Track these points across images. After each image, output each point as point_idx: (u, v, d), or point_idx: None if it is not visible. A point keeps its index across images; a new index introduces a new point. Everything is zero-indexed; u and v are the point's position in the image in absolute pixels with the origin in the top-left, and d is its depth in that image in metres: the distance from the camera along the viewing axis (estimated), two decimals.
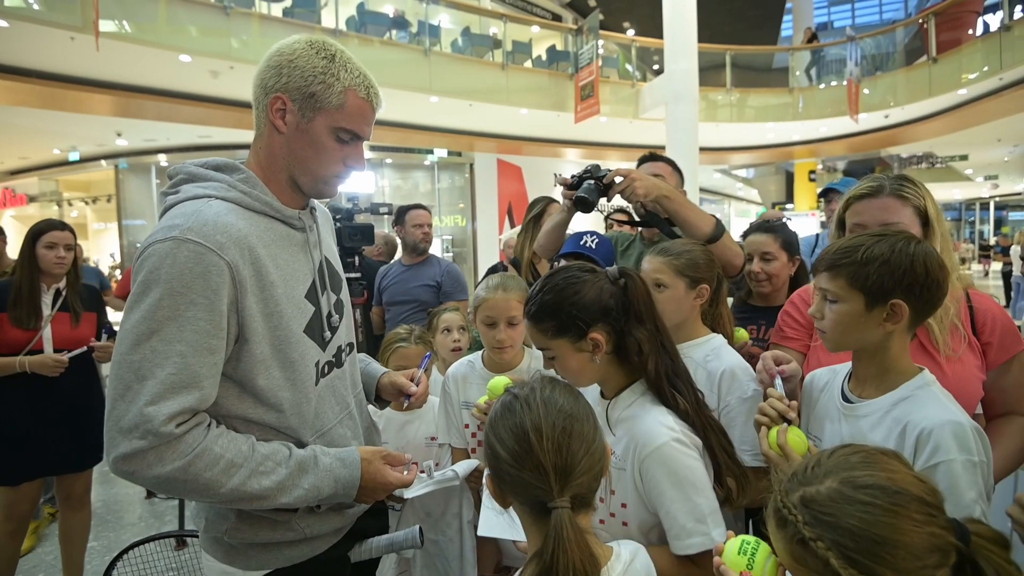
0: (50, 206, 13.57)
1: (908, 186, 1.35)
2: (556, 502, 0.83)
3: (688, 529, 1.05)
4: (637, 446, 1.11)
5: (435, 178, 12.84)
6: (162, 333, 0.93)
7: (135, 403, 0.91)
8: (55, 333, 2.54)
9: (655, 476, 1.08)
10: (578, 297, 1.14)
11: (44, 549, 3.20)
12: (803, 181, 15.37)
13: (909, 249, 1.06)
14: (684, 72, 8.97)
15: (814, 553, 0.69)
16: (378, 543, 1.25)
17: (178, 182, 1.10)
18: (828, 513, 0.70)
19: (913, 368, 1.12)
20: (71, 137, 10.23)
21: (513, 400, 0.92)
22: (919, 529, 0.68)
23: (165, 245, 0.96)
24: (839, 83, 11.98)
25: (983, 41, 9.86)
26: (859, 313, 1.08)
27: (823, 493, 0.71)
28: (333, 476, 1.08)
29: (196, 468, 0.95)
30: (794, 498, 0.73)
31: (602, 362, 1.16)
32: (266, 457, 1.02)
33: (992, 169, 17.81)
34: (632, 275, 1.18)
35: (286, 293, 1.07)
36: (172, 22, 7.12)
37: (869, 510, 0.68)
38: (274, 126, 1.08)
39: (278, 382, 1.06)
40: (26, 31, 6.10)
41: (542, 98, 10.37)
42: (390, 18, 9.55)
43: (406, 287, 3.27)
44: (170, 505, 3.63)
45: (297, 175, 1.12)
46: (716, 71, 11.89)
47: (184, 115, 8.67)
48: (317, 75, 1.06)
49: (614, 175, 1.66)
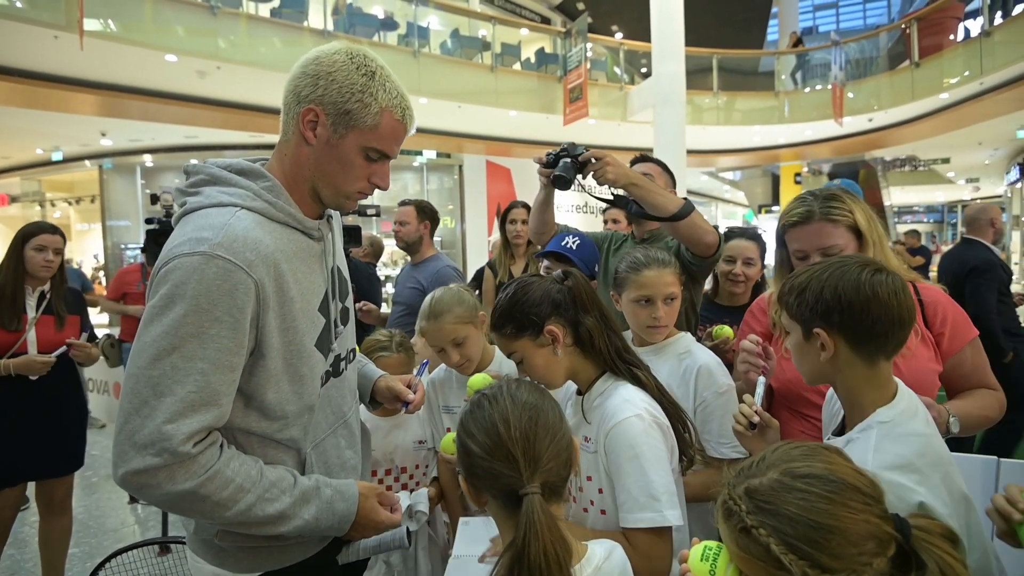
0: (33, 206, 13.39)
1: (835, 206, 1.36)
2: (527, 488, 0.87)
3: (640, 503, 1.09)
4: (603, 421, 1.17)
5: (424, 180, 12.82)
6: (184, 349, 0.92)
7: (152, 419, 0.90)
8: (39, 336, 2.51)
9: (614, 450, 1.14)
10: (528, 296, 1.23)
11: (24, 555, 3.15)
12: (789, 183, 15.51)
13: (824, 275, 1.03)
14: (671, 75, 9.04)
15: (756, 540, 0.73)
16: (366, 544, 1.25)
17: (199, 183, 1.08)
18: (769, 501, 0.74)
19: (873, 407, 1.02)
20: (55, 137, 10.09)
21: (481, 399, 0.97)
22: (855, 516, 0.71)
23: (193, 259, 0.94)
24: (824, 87, 12.12)
25: (964, 46, 10.02)
26: (800, 343, 1.07)
27: (765, 484, 0.75)
28: (332, 509, 1.09)
29: (207, 490, 0.95)
30: (739, 490, 0.77)
31: (566, 355, 1.23)
32: (273, 484, 1.02)
33: (973, 172, 18.08)
34: (575, 274, 1.28)
35: (303, 308, 1.07)
36: (158, 21, 7.05)
37: (807, 497, 0.72)
38: (303, 136, 1.06)
39: (286, 396, 1.06)
40: (9, 29, 6.01)
41: (531, 100, 10.40)
42: (379, 19, 9.53)
43: (402, 287, 3.17)
44: (153, 511, 3.59)
45: (320, 187, 1.10)
46: (703, 74, 11.99)
47: (170, 115, 8.59)
48: (355, 93, 1.03)
49: (589, 155, 1.70)
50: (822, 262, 1.10)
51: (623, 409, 1.16)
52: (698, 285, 1.90)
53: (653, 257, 1.55)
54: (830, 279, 1.02)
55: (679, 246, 1.83)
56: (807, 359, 1.08)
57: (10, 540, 3.29)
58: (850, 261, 1.05)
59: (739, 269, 2.33)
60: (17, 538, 3.33)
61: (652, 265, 1.53)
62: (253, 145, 10.44)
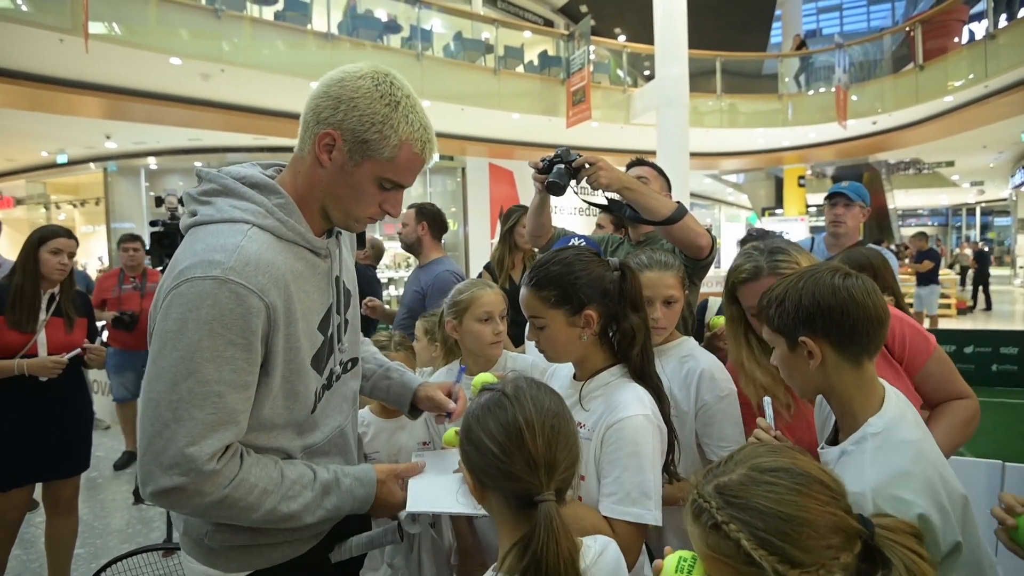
0: (37, 209, 13.45)
1: (782, 260, 1.38)
2: (544, 495, 0.87)
3: (632, 497, 1.10)
4: (608, 413, 1.16)
5: (427, 182, 12.84)
6: (200, 374, 0.94)
7: (174, 442, 0.93)
8: (49, 338, 2.53)
9: (616, 442, 1.13)
10: (584, 273, 1.21)
11: (29, 555, 3.16)
12: (792, 186, 15.51)
13: (799, 284, 1.04)
14: (675, 78, 9.03)
15: (727, 536, 0.72)
16: (358, 541, 1.25)
17: (211, 192, 1.07)
18: (738, 496, 0.74)
19: (866, 415, 1.04)
20: (59, 139, 10.14)
21: (502, 398, 0.94)
22: (822, 508, 0.73)
23: (206, 284, 0.94)
24: (827, 90, 12.10)
25: (969, 49, 10.00)
26: (787, 356, 1.08)
27: (734, 479, 0.76)
28: (352, 496, 1.13)
29: (233, 498, 0.98)
30: (708, 488, 0.77)
31: (587, 341, 1.23)
32: (294, 482, 1.06)
33: (978, 175, 18.04)
34: (630, 267, 1.27)
35: (305, 328, 1.08)
36: (162, 24, 7.08)
37: (775, 490, 0.73)
38: (318, 159, 1.05)
39: (279, 411, 1.08)
40: (14, 32, 6.05)
41: (534, 103, 10.40)
42: (382, 22, 9.55)
43: (407, 290, 3.14)
44: (158, 512, 3.59)
45: (331, 208, 1.10)
46: (706, 77, 11.98)
47: (174, 118, 8.62)
48: (376, 123, 1.01)
49: (583, 161, 1.70)
50: (793, 273, 1.10)
51: (633, 406, 1.16)
52: (694, 287, 1.90)
53: (656, 259, 1.56)
54: (806, 287, 1.04)
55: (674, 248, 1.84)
56: (796, 371, 1.08)
57: (16, 540, 3.32)
58: (820, 268, 1.08)
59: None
60: (23, 539, 3.34)
61: (653, 267, 1.54)
62: (257, 148, 10.48)
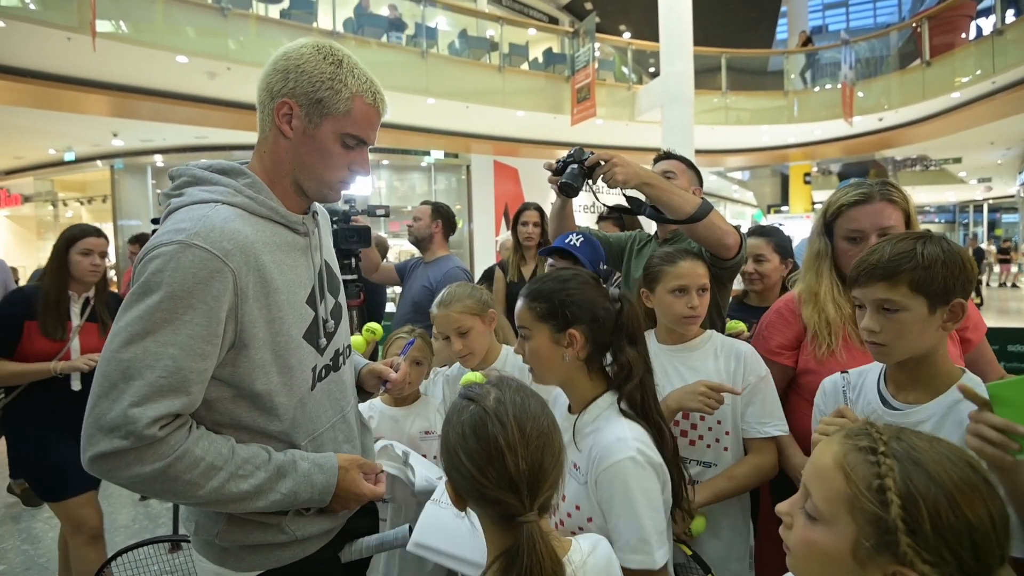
0: (45, 206, 13.53)
1: (894, 190, 1.42)
2: (526, 516, 0.83)
3: (631, 545, 1.07)
4: (597, 459, 1.13)
5: (432, 180, 12.85)
6: (157, 335, 0.93)
7: (119, 402, 0.91)
8: (83, 344, 2.40)
9: (608, 490, 1.10)
10: (575, 293, 1.20)
11: (38, 551, 3.19)
12: (798, 183, 15.43)
13: (954, 247, 1.06)
14: (680, 75, 9.01)
15: (876, 466, 0.64)
16: (368, 543, 1.26)
17: (181, 184, 1.10)
18: (916, 448, 0.65)
19: (955, 369, 1.11)
20: (67, 137, 10.20)
21: (483, 414, 0.88)
22: (987, 523, 0.63)
23: (170, 248, 0.95)
24: (833, 86, 12.05)
25: (976, 45, 9.93)
26: (923, 318, 1.05)
27: (922, 440, 0.67)
28: (310, 481, 1.08)
29: (176, 470, 0.94)
30: (890, 426, 0.70)
31: (571, 363, 1.19)
32: (245, 460, 1.02)
33: (985, 172, 17.92)
34: (629, 300, 1.23)
35: (288, 299, 1.07)
36: (169, 23, 7.11)
37: (956, 474, 0.63)
38: (280, 131, 1.08)
39: (276, 387, 1.06)
40: (22, 31, 6.09)
41: (539, 100, 10.39)
42: (387, 20, 9.56)
43: (413, 284, 3.15)
44: (165, 507, 3.62)
45: (302, 180, 1.12)
46: (711, 74, 11.94)
47: (180, 116, 8.66)
48: (324, 81, 1.06)
49: (596, 158, 1.62)
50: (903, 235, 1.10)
51: (616, 449, 1.11)
52: (724, 288, 1.81)
53: (684, 250, 1.59)
54: (958, 249, 1.06)
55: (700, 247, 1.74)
56: (923, 334, 1.06)
57: (24, 536, 3.36)
58: (939, 235, 1.10)
59: (750, 267, 2.32)
60: (32, 534, 3.38)
61: (686, 257, 1.55)
62: None
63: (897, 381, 1.15)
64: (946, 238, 1.09)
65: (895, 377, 1.15)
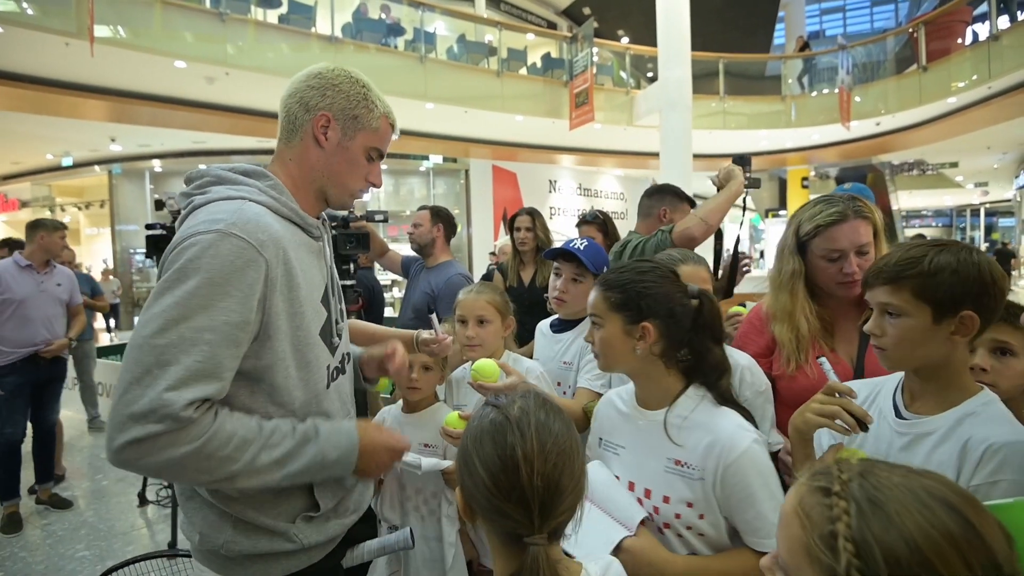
0: (43, 211, 13.51)
1: (863, 206, 1.42)
2: (535, 539, 0.78)
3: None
4: (720, 451, 1.09)
5: (430, 184, 12.87)
6: (193, 320, 0.93)
7: (153, 387, 0.90)
8: None
9: (744, 479, 1.07)
10: (652, 286, 1.16)
11: (35, 557, 3.17)
12: (796, 188, 15.48)
13: (973, 258, 1.02)
14: (678, 80, 9.03)
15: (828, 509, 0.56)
16: (370, 547, 1.26)
17: (205, 183, 1.13)
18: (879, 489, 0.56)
19: (973, 384, 1.07)
20: (65, 142, 10.20)
21: (504, 423, 0.84)
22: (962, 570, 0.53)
23: (209, 236, 0.97)
24: (831, 91, 12.08)
25: (972, 50, 9.97)
26: (925, 327, 1.02)
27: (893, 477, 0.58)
28: (333, 442, 1.09)
29: (210, 448, 0.94)
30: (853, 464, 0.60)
31: (643, 356, 1.16)
32: (273, 431, 1.03)
33: (982, 176, 17.98)
34: (709, 297, 1.20)
35: (308, 296, 1.11)
36: (167, 28, 7.11)
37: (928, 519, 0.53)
38: (316, 140, 1.16)
39: (294, 381, 1.08)
40: (20, 36, 6.09)
41: (537, 105, 10.42)
42: (386, 25, 9.58)
43: (415, 290, 3.13)
44: (163, 514, 3.60)
45: (328, 187, 1.20)
46: (709, 79, 11.97)
47: (179, 121, 8.67)
48: (360, 100, 1.18)
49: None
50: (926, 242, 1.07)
51: (740, 437, 1.09)
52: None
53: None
54: (978, 260, 1.01)
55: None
56: (926, 343, 1.03)
57: (21, 542, 3.33)
58: (963, 244, 1.05)
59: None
60: (27, 540, 3.35)
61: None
62: (260, 150, 10.51)
63: (911, 390, 1.13)
64: (973, 248, 1.05)
65: (909, 386, 1.13)
